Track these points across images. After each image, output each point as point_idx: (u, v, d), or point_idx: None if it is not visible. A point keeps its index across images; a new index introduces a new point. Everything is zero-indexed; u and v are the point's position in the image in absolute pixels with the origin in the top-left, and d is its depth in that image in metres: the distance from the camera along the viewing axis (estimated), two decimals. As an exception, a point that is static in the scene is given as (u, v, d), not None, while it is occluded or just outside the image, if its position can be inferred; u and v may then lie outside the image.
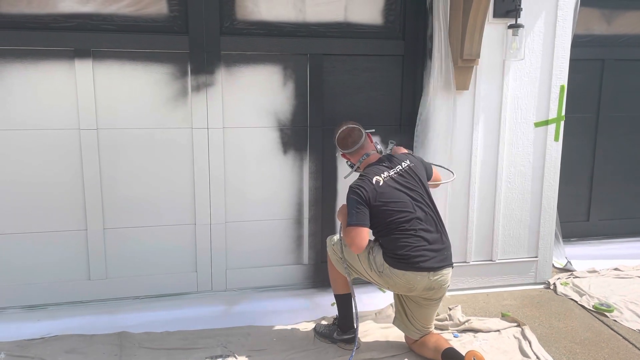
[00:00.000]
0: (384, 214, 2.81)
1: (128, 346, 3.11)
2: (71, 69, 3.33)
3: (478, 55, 3.53)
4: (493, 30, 3.66)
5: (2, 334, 3.18)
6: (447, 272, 2.90)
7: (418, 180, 2.93)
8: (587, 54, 4.62)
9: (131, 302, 3.63)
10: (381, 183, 2.84)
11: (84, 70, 3.33)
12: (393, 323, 3.16)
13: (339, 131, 3.09)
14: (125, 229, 3.58)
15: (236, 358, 3.01)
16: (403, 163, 2.96)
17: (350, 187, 2.86)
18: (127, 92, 3.44)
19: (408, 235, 2.81)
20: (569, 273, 4.27)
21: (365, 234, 2.76)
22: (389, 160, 2.96)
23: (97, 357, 3.00)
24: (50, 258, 3.50)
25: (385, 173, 2.89)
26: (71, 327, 3.29)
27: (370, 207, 2.79)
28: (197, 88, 3.51)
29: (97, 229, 3.52)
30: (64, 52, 3.31)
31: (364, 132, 3.08)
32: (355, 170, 3.08)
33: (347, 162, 3.17)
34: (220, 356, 3.03)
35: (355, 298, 3.04)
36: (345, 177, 3.17)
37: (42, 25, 3.26)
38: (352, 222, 2.77)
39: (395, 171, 2.91)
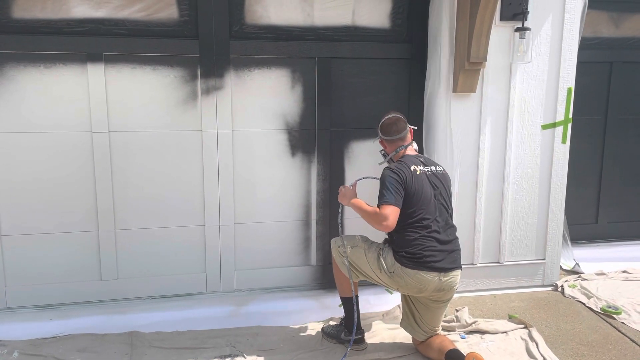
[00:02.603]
0: (409, 204, 2.87)
1: (139, 345, 3.16)
2: (83, 73, 3.39)
3: (485, 58, 3.55)
4: (500, 33, 3.69)
5: (15, 333, 3.23)
6: (457, 274, 2.94)
7: (445, 186, 3.03)
8: (595, 56, 4.62)
9: (142, 302, 3.68)
10: (417, 173, 2.94)
11: (96, 74, 3.40)
12: (400, 325, 3.18)
13: (386, 117, 3.14)
14: (136, 230, 3.63)
15: (245, 358, 3.05)
16: (437, 167, 3.06)
17: (389, 168, 2.95)
18: (138, 95, 3.50)
19: (422, 234, 2.86)
20: (577, 275, 4.27)
21: (396, 215, 2.81)
22: (424, 158, 3.08)
23: (108, 356, 3.05)
24: (62, 258, 3.56)
25: (421, 167, 2.99)
26: (83, 326, 3.34)
27: (405, 192, 2.86)
28: (206, 91, 3.56)
29: (108, 229, 3.58)
30: (77, 56, 3.37)
31: (408, 126, 3.14)
32: (388, 161, 3.13)
33: (381, 150, 3.21)
34: (229, 355, 3.07)
35: (358, 300, 3.12)
36: (380, 163, 3.21)
37: (56, 30, 3.33)
38: (390, 201, 2.81)
39: (429, 169, 3.01)
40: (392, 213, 2.78)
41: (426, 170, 2.99)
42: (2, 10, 3.25)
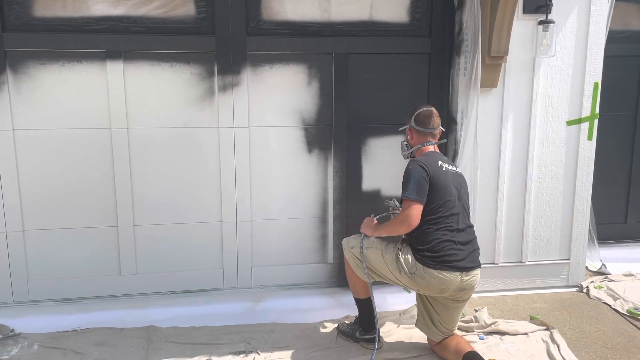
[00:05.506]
0: (433, 198, 2.82)
1: (155, 340, 3.19)
2: (103, 70, 3.43)
3: (506, 52, 3.46)
4: (522, 26, 3.59)
5: (36, 326, 3.30)
6: (477, 273, 2.90)
7: (465, 188, 2.99)
8: (624, 50, 4.47)
9: (160, 297, 3.71)
10: (444, 169, 2.90)
11: (115, 71, 3.43)
12: (415, 325, 3.13)
13: (423, 108, 3.03)
14: (154, 225, 3.67)
15: (259, 354, 3.05)
16: (457, 169, 3.04)
17: (416, 161, 2.88)
18: (156, 92, 3.52)
19: (443, 231, 2.82)
20: (604, 276, 4.13)
21: (420, 212, 2.77)
22: (446, 158, 3.03)
23: (125, 350, 3.09)
24: (83, 253, 3.62)
25: (446, 164, 2.95)
26: (102, 320, 3.39)
27: (430, 186, 2.82)
28: (223, 88, 3.56)
29: (127, 225, 3.62)
30: (96, 54, 3.41)
31: (440, 126, 3.08)
32: (409, 155, 3.07)
33: (404, 141, 3.12)
34: (244, 352, 3.07)
35: (374, 300, 3.06)
36: (403, 154, 3.13)
37: (76, 28, 3.38)
38: (411, 196, 2.76)
39: (452, 169, 2.98)
40: (414, 210, 2.75)
41: (450, 169, 2.95)
42: (24, 9, 3.31)
